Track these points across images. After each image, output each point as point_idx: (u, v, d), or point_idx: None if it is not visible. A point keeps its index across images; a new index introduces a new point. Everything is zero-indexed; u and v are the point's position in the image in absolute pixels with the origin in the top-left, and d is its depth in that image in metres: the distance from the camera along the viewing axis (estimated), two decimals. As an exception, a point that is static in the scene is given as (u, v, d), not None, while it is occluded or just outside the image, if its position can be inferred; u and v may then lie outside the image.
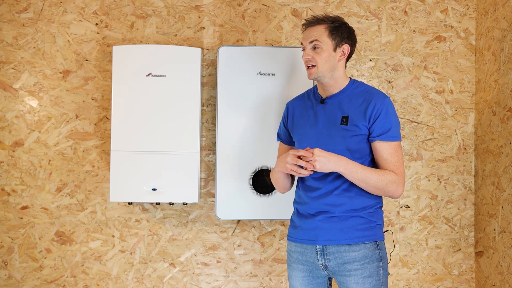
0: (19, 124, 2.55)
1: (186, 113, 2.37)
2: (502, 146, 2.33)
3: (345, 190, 1.82)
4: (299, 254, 1.89)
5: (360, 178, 1.76)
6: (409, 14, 2.60)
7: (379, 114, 1.80)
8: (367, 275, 1.78)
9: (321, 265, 1.83)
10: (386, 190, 1.79)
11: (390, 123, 1.80)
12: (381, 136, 1.80)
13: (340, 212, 1.81)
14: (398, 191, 1.80)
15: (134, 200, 2.36)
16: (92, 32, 2.58)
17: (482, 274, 2.49)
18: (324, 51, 1.84)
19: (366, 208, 1.83)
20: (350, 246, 1.80)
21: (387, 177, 1.78)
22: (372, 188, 1.79)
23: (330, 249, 1.81)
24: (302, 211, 1.90)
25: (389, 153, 1.81)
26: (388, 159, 1.80)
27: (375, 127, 1.80)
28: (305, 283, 1.89)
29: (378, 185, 1.77)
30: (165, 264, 2.55)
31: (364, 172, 1.76)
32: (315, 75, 1.86)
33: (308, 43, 1.86)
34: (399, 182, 1.80)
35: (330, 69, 1.86)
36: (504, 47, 2.34)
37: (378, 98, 1.83)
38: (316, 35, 1.85)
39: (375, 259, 1.80)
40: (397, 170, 1.80)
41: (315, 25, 1.87)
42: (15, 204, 2.53)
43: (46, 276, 2.53)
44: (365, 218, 1.82)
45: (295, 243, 1.91)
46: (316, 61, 1.85)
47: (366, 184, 1.78)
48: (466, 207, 2.58)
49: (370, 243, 1.81)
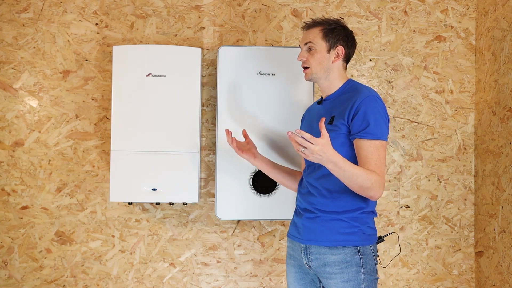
0: (19, 124, 2.55)
1: (186, 113, 2.37)
2: (502, 146, 2.33)
3: (330, 191, 1.80)
4: (291, 250, 1.94)
5: (347, 175, 1.66)
6: (409, 14, 2.60)
7: (358, 111, 1.74)
8: (346, 280, 1.75)
9: (306, 263, 1.85)
10: (369, 190, 1.70)
11: (368, 120, 1.73)
12: (359, 134, 1.73)
13: (322, 213, 1.81)
14: (379, 192, 1.72)
15: (134, 200, 2.36)
16: (92, 32, 2.58)
17: (482, 274, 2.49)
18: (318, 52, 1.87)
19: (348, 212, 1.78)
20: (330, 249, 1.78)
21: (372, 177, 1.69)
22: (356, 187, 1.70)
23: (312, 249, 1.82)
24: (297, 208, 1.96)
25: (368, 152, 1.72)
26: (368, 157, 1.71)
27: (353, 124, 1.75)
28: (297, 279, 1.92)
29: (364, 184, 1.68)
30: (165, 264, 2.55)
31: (353, 170, 1.66)
32: (310, 76, 1.90)
33: (303, 45, 1.91)
34: (381, 183, 1.71)
35: (324, 71, 1.88)
36: (504, 47, 2.34)
37: (360, 95, 1.77)
38: (310, 37, 1.89)
39: (354, 264, 1.76)
40: (378, 170, 1.71)
41: (311, 28, 1.91)
42: (15, 204, 2.53)
43: (46, 276, 2.53)
44: (347, 222, 1.78)
45: (289, 239, 1.97)
46: (310, 62, 1.88)
47: (351, 182, 1.68)
48: (466, 207, 2.58)
49: (349, 248, 1.76)
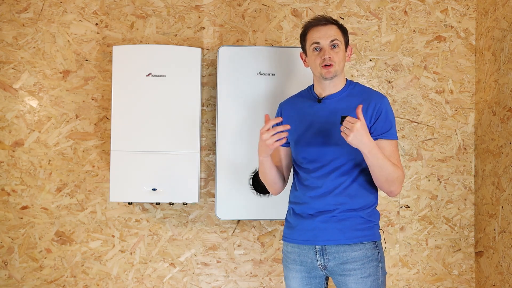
0: (19, 124, 2.55)
1: (186, 113, 2.37)
2: (502, 146, 2.33)
3: (346, 189, 1.83)
4: (296, 255, 1.88)
5: (379, 163, 1.75)
6: (409, 14, 2.60)
7: (380, 113, 1.83)
8: (367, 275, 1.79)
9: (320, 265, 1.83)
10: (392, 184, 1.80)
11: (390, 121, 1.84)
12: (383, 135, 1.83)
13: (339, 212, 1.81)
14: (399, 189, 1.83)
15: (134, 200, 2.36)
16: (92, 32, 2.58)
17: (482, 274, 2.49)
18: (341, 50, 1.87)
19: (365, 208, 1.84)
20: (350, 246, 1.80)
21: (398, 171, 1.80)
22: (382, 178, 1.78)
23: (329, 249, 1.81)
24: (299, 211, 1.88)
25: (391, 151, 1.83)
26: (391, 156, 1.83)
27: (377, 126, 1.82)
28: (302, 284, 1.89)
29: (390, 176, 1.78)
30: (165, 264, 2.55)
31: (384, 160, 1.76)
32: (333, 74, 1.85)
33: (329, 42, 1.85)
34: (402, 180, 1.83)
35: (342, 69, 1.89)
36: (504, 47, 2.34)
37: (378, 97, 1.86)
38: (334, 34, 1.85)
39: (375, 259, 1.81)
40: (401, 168, 1.83)
41: (329, 25, 1.87)
42: (15, 204, 2.53)
43: (46, 276, 2.54)
44: (363, 218, 1.83)
45: (292, 244, 1.90)
46: (334, 60, 1.84)
47: (381, 171, 1.76)
48: (466, 207, 2.58)
49: (369, 243, 1.82)
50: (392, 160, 1.82)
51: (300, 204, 1.89)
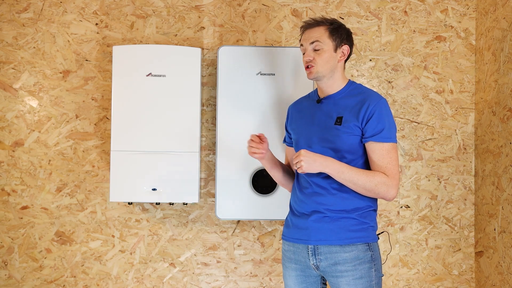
0: (19, 124, 2.55)
1: (186, 113, 2.37)
2: (502, 146, 2.33)
3: (338, 190, 1.82)
4: (292, 253, 1.89)
5: (347, 178, 1.76)
6: (409, 14, 2.60)
7: (372, 114, 1.80)
8: (358, 277, 1.78)
9: (313, 265, 1.84)
10: (377, 192, 1.78)
11: (383, 124, 1.79)
12: (373, 137, 1.79)
13: (331, 212, 1.81)
14: (390, 193, 1.79)
15: (134, 200, 2.36)
16: (92, 32, 2.58)
17: (482, 274, 2.49)
18: (325, 51, 1.85)
19: (358, 209, 1.82)
20: (342, 247, 1.79)
21: (375, 179, 1.77)
22: (361, 189, 1.78)
23: (321, 249, 1.81)
24: (296, 210, 1.91)
25: (381, 154, 1.79)
26: (380, 159, 1.79)
27: (367, 127, 1.80)
28: (298, 282, 1.89)
29: (367, 186, 1.77)
30: (165, 264, 2.55)
31: (352, 172, 1.76)
32: (315, 75, 1.87)
33: (309, 44, 1.87)
34: (390, 183, 1.78)
35: (330, 70, 1.87)
36: (504, 47, 2.35)
37: (372, 99, 1.83)
38: (317, 36, 1.86)
39: (367, 261, 1.79)
40: (389, 172, 1.78)
41: (315, 27, 1.88)
42: (15, 204, 2.53)
43: (46, 276, 2.54)
44: (356, 219, 1.81)
45: (288, 242, 1.92)
46: (316, 61, 1.85)
47: (355, 185, 1.77)
48: (466, 207, 2.58)
49: (361, 245, 1.80)
50: (380, 165, 1.78)
51: (297, 202, 1.91)
